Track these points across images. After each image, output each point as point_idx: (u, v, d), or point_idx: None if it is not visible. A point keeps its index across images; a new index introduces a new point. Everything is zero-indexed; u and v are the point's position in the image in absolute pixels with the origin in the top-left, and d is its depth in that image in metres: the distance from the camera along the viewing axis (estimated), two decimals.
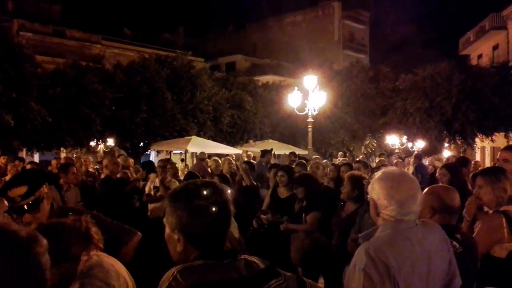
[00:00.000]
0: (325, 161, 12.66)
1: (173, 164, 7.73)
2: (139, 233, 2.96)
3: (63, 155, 17.01)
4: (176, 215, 1.60)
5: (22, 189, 2.60)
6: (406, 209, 2.05)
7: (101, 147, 19.58)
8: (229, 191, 1.71)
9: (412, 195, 2.08)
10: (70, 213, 2.36)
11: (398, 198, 2.04)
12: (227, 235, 1.68)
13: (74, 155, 15.52)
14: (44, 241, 1.34)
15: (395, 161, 11.76)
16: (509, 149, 3.87)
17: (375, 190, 2.11)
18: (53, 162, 10.26)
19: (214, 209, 1.60)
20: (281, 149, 16.47)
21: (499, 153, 4.12)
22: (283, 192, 5.48)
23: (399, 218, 2.04)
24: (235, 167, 8.53)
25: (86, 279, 1.96)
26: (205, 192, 1.62)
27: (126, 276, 2.13)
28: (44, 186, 2.72)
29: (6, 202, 2.60)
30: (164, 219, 1.66)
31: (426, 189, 2.79)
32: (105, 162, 6.74)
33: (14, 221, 2.58)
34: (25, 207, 2.57)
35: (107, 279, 1.99)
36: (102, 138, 18.28)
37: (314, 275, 4.83)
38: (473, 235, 3.06)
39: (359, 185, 4.49)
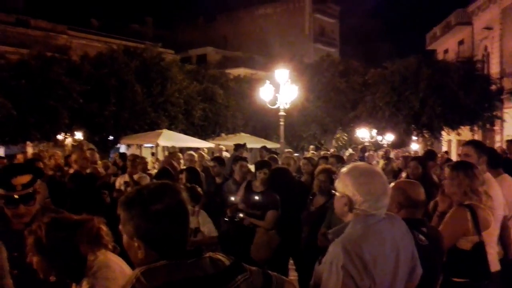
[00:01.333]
0: (296, 154, 12.77)
1: (143, 158, 7.62)
2: (118, 248, 2.93)
3: (29, 149, 16.56)
4: (132, 223, 1.56)
5: (26, 178, 2.54)
6: (380, 203, 2.09)
7: (69, 140, 19.12)
8: (184, 192, 1.67)
9: (386, 189, 2.13)
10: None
11: (375, 193, 2.08)
12: (188, 234, 1.66)
13: (41, 149, 15.12)
14: (5, 251, 1.34)
15: (366, 154, 11.95)
16: (469, 144, 3.99)
17: (348, 187, 2.11)
18: (19, 156, 10.00)
19: (171, 212, 1.57)
20: (253, 143, 16.49)
21: (460, 148, 4.24)
22: (258, 186, 5.49)
23: (372, 212, 2.08)
24: (207, 162, 8.45)
25: (94, 280, 1.93)
26: (159, 196, 1.58)
27: None
28: (39, 180, 2.67)
29: (0, 190, 2.52)
30: (120, 227, 1.61)
31: (392, 184, 2.85)
32: (74, 157, 6.58)
33: (8, 211, 2.53)
34: (16, 196, 2.50)
35: (114, 280, 1.96)
36: (69, 131, 17.87)
37: (274, 269, 4.89)
38: (439, 228, 3.15)
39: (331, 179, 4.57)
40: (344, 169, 2.23)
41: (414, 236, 2.57)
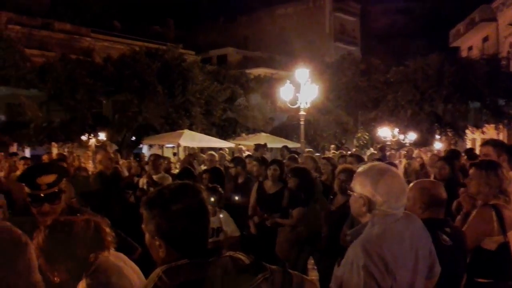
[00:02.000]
0: (317, 154, 12.72)
1: (167, 159, 7.71)
2: (139, 248, 2.95)
3: (54, 150, 16.93)
4: (154, 222, 1.60)
5: (51, 177, 2.60)
6: (399, 203, 2.09)
7: (92, 141, 19.46)
8: (204, 192, 1.70)
9: (404, 188, 2.13)
10: (78, 214, 2.35)
11: (394, 193, 2.07)
12: (208, 234, 1.69)
13: (66, 150, 15.45)
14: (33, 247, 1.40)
15: (388, 153, 11.80)
16: (487, 144, 3.94)
17: (366, 187, 2.10)
18: (45, 157, 10.21)
19: (191, 211, 1.60)
20: (273, 143, 16.49)
21: (479, 148, 4.17)
22: (270, 187, 5.45)
23: (392, 212, 2.07)
24: (227, 162, 8.48)
25: (88, 283, 1.94)
26: (180, 196, 1.61)
27: (134, 277, 2.10)
28: (64, 179, 2.73)
29: (26, 189, 2.60)
30: (143, 226, 1.65)
31: (415, 185, 2.82)
32: (99, 157, 6.73)
33: (33, 209, 2.59)
34: (41, 195, 2.56)
35: (108, 285, 1.97)
36: (93, 132, 18.19)
37: (297, 268, 4.90)
38: (464, 228, 3.10)
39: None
40: (360, 169, 2.22)
41: (438, 236, 2.55)
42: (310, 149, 11.83)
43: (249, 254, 1.75)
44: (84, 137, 18.12)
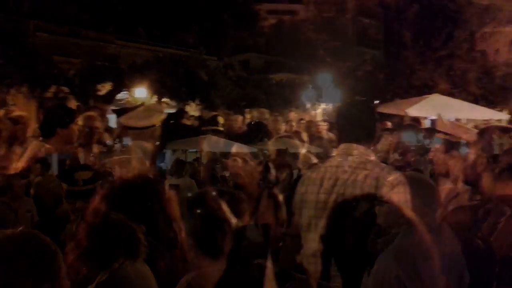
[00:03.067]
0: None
1: (193, 163, 7.81)
2: (168, 257, 2.96)
3: (80, 154, 17.26)
4: (190, 222, 1.69)
5: (88, 174, 2.74)
6: (433, 213, 2.10)
7: (117, 146, 19.74)
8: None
9: (438, 198, 2.14)
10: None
11: (430, 203, 2.08)
12: (235, 241, 1.71)
13: (92, 154, 15.71)
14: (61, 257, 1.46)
15: (412, 158, 11.54)
16: (508, 153, 3.88)
17: (402, 198, 2.09)
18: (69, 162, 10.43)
19: (214, 218, 1.65)
20: (296, 148, 16.41)
21: (500, 158, 4.12)
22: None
23: (425, 222, 2.04)
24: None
25: None
26: (216, 201, 1.66)
27: None
28: (100, 182, 2.82)
29: (64, 185, 2.69)
30: (179, 225, 1.76)
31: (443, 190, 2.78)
32: (134, 163, 6.96)
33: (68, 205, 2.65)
34: (76, 189, 2.67)
35: None
36: (118, 137, 18.46)
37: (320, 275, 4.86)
38: (493, 237, 3.03)
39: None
40: (392, 178, 2.19)
41: (473, 239, 2.53)
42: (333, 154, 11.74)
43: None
44: (109, 142, 18.41)
